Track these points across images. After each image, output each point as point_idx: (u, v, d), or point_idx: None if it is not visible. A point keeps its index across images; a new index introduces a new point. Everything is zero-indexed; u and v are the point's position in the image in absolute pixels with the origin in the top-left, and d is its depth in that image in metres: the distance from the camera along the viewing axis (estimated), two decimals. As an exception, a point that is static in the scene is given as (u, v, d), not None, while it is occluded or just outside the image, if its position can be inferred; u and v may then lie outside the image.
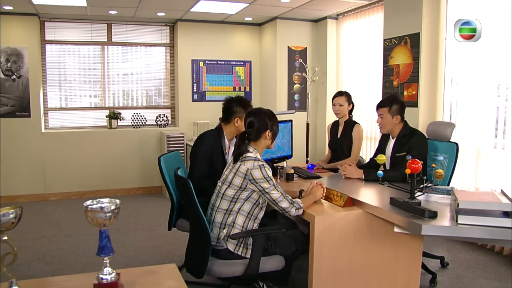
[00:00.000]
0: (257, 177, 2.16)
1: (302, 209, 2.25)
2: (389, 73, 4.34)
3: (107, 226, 1.30)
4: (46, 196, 5.50)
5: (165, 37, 6.19)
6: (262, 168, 2.18)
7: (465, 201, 1.90)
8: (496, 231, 1.85)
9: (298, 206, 2.24)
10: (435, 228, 1.91)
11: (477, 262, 3.34)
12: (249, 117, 2.34)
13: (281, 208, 2.22)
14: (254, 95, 6.48)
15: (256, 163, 2.19)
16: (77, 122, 5.86)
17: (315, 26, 5.96)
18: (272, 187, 2.19)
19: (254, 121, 2.31)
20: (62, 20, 5.62)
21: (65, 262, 3.37)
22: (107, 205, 1.26)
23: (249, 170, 2.17)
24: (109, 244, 1.31)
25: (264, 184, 2.17)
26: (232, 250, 2.17)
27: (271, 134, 2.35)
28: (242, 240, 2.19)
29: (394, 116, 2.91)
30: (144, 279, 1.38)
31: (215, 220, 2.24)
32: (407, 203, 2.10)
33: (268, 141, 2.37)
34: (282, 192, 2.22)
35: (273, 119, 2.37)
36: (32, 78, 5.30)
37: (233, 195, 2.21)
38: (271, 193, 2.18)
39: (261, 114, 2.33)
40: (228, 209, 2.22)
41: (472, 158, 3.62)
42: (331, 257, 2.26)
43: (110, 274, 1.31)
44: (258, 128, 2.30)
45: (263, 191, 2.18)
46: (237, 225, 2.20)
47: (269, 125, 2.32)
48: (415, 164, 2.09)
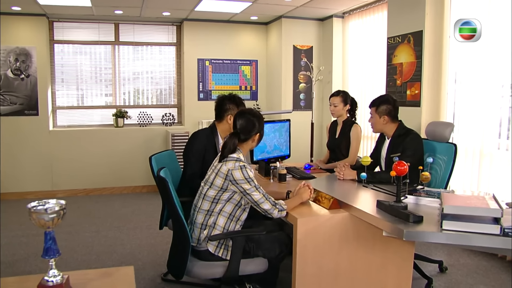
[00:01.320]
0: (237, 178, 2.13)
1: (286, 211, 2.21)
2: (392, 72, 4.24)
3: (52, 228, 1.29)
4: (53, 193, 5.59)
5: (172, 37, 6.22)
6: (243, 169, 2.15)
7: (449, 205, 1.82)
8: (483, 238, 1.76)
9: (281, 208, 2.20)
10: (418, 234, 1.84)
11: (477, 268, 3.23)
12: (241, 118, 2.30)
13: (263, 210, 2.18)
14: (260, 94, 6.46)
15: (237, 164, 2.16)
16: (85, 120, 5.95)
17: (321, 25, 5.88)
18: (253, 188, 2.15)
19: (244, 123, 2.28)
20: (70, 20, 5.71)
21: (60, 259, 3.33)
22: (50, 207, 1.25)
23: (230, 171, 2.14)
24: (54, 246, 1.30)
25: (245, 185, 2.14)
26: (212, 251, 2.15)
27: (259, 136, 2.34)
28: (223, 241, 2.17)
29: (381, 117, 2.84)
30: (96, 282, 1.37)
31: (196, 220, 2.22)
32: (393, 207, 2.04)
33: (254, 144, 2.35)
34: (264, 193, 2.19)
35: (262, 122, 2.35)
36: (40, 77, 5.40)
37: (214, 196, 2.19)
38: (252, 194, 2.15)
39: (253, 117, 2.30)
40: (209, 210, 2.19)
41: (475, 159, 3.50)
42: (315, 261, 2.21)
43: (56, 276, 1.30)
44: (248, 130, 2.28)
45: (244, 192, 2.15)
46: (218, 226, 2.17)
47: (258, 127, 2.30)
48: (401, 166, 2.02)
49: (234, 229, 2.22)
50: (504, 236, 1.74)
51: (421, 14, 3.78)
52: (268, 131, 3.47)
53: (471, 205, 1.85)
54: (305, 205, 2.36)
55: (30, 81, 5.36)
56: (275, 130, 3.57)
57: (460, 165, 3.65)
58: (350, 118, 3.58)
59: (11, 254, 3.50)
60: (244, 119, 2.28)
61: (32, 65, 5.35)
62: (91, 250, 3.64)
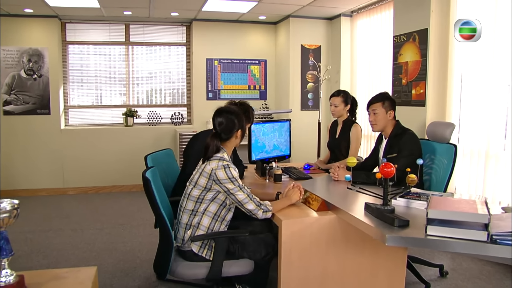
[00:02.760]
0: (221, 177, 2.12)
1: (271, 212, 2.18)
2: (398, 71, 4.14)
3: (4, 228, 1.29)
4: (64, 190, 5.73)
5: (182, 37, 6.26)
6: (227, 168, 2.13)
7: (434, 210, 1.75)
8: (469, 245, 1.68)
9: (266, 209, 2.17)
10: (401, 239, 1.77)
11: (480, 273, 3.11)
12: (219, 117, 2.27)
13: (247, 210, 2.16)
14: (269, 93, 6.43)
15: (220, 163, 2.14)
16: (96, 119, 6.06)
17: (329, 24, 5.81)
18: (237, 188, 2.13)
19: (223, 121, 2.25)
20: (82, 22, 5.82)
21: (62, 256, 3.48)
22: (2, 206, 1.26)
23: (213, 170, 2.12)
24: (6, 246, 1.30)
25: (228, 184, 2.12)
26: (196, 251, 2.14)
27: (241, 132, 2.30)
28: (207, 242, 2.16)
29: (388, 111, 2.77)
30: (53, 282, 1.37)
31: (181, 220, 2.22)
32: (379, 210, 1.98)
33: (238, 140, 2.32)
34: (248, 193, 2.16)
35: (241, 117, 2.30)
36: (52, 78, 5.53)
37: (198, 196, 2.17)
38: (236, 194, 2.13)
39: (231, 114, 2.26)
40: (193, 209, 2.18)
41: (481, 161, 3.38)
42: (302, 264, 2.18)
43: (8, 276, 1.30)
44: (229, 129, 2.25)
45: (228, 192, 2.13)
46: (202, 226, 2.17)
47: (238, 124, 2.26)
48: (387, 167, 1.96)
49: (219, 229, 2.21)
50: (491, 243, 1.67)
51: (426, 11, 3.68)
52: (267, 130, 3.45)
53: (458, 209, 1.78)
54: (292, 207, 2.33)
55: (42, 81, 5.49)
56: (274, 130, 3.54)
57: (465, 167, 3.54)
58: (350, 118, 3.52)
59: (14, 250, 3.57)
60: (222, 118, 2.25)
61: (44, 65, 5.48)
62: (93, 247, 3.70)
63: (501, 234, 1.68)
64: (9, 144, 5.46)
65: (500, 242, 1.66)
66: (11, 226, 4.52)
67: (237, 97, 6.30)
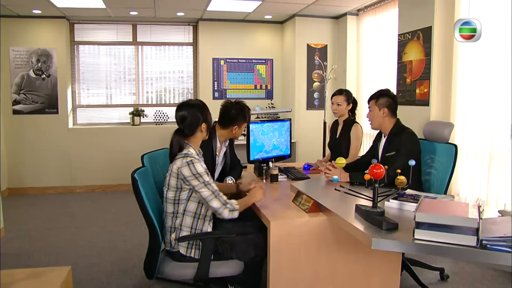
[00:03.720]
0: (186, 174, 2.07)
1: (238, 212, 2.13)
2: (402, 70, 4.06)
3: None
4: (72, 189, 5.81)
5: (188, 37, 6.28)
6: (191, 165, 2.08)
7: (421, 213, 1.70)
8: (458, 250, 1.62)
9: (232, 207, 2.11)
10: (387, 243, 1.72)
11: (483, 277, 3.02)
12: (181, 111, 2.21)
13: (212, 208, 2.10)
14: (276, 93, 6.40)
15: (184, 160, 2.09)
16: (104, 118, 6.12)
17: (335, 23, 5.74)
18: (201, 185, 2.08)
19: (186, 116, 2.19)
20: (90, 22, 5.89)
21: (63, 253, 3.53)
22: None
23: (179, 169, 2.09)
24: None
25: (193, 181, 2.07)
26: (184, 253, 2.13)
27: (206, 126, 2.24)
28: (193, 242, 2.14)
29: (381, 109, 2.72)
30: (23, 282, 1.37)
31: (166, 224, 2.19)
32: (368, 212, 1.93)
33: (204, 133, 2.26)
34: (214, 190, 2.11)
35: (205, 110, 2.24)
36: (60, 77, 5.62)
37: (173, 197, 2.14)
38: (201, 191, 2.08)
39: (193, 108, 2.21)
40: (173, 212, 2.15)
41: (485, 162, 3.29)
42: (291, 266, 2.14)
43: None
44: (192, 123, 2.20)
45: (194, 189, 2.09)
46: (185, 227, 2.14)
47: (202, 118, 2.21)
48: (377, 169, 1.91)
49: (202, 227, 2.17)
50: (481, 249, 1.60)
51: (430, 9, 3.60)
52: (267, 130, 3.43)
53: (447, 213, 1.72)
54: (282, 208, 2.30)
55: (50, 81, 5.58)
56: (274, 130, 3.51)
57: (469, 168, 3.45)
58: (351, 118, 3.47)
59: (17, 247, 3.66)
60: (184, 112, 2.19)
61: (52, 65, 5.57)
62: (94, 245, 3.74)
63: (491, 239, 1.61)
64: (18, 143, 5.57)
65: (490, 247, 1.60)
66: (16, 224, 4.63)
67: (243, 96, 6.29)
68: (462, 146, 3.53)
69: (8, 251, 3.53)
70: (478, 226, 1.63)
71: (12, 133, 5.55)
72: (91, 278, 3.05)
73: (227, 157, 3.10)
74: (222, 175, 3.06)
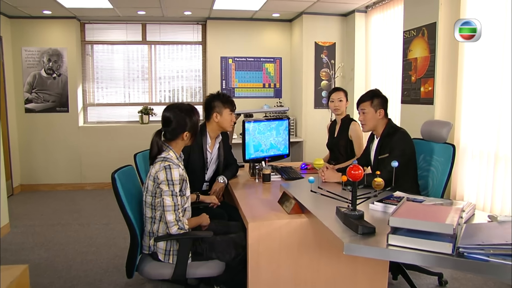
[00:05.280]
0: (161, 179, 2.02)
1: (184, 231, 2.05)
2: (407, 67, 3.93)
3: None
4: (82, 186, 5.93)
5: (197, 35, 6.29)
6: (168, 170, 2.02)
7: (395, 218, 1.62)
8: (432, 258, 1.53)
9: (182, 226, 2.03)
10: (360, 248, 1.64)
11: (485, 283, 2.88)
12: (166, 112, 2.15)
13: (165, 219, 2.03)
14: (285, 91, 6.34)
15: (162, 164, 2.04)
16: (115, 117, 6.21)
17: (344, 20, 5.63)
18: (169, 192, 2.01)
19: (171, 119, 2.12)
20: (100, 22, 5.98)
21: (62, 249, 3.58)
22: None
23: (157, 173, 2.04)
24: None
25: (163, 186, 2.01)
26: (162, 259, 2.10)
27: (190, 135, 2.17)
28: (170, 247, 2.10)
29: (377, 110, 2.63)
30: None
31: (145, 228, 2.16)
32: (346, 215, 1.87)
33: (187, 141, 2.19)
34: (176, 204, 2.02)
35: (193, 118, 2.16)
36: (70, 76, 5.73)
37: (151, 202, 2.10)
38: (165, 198, 2.01)
39: (180, 112, 2.12)
40: (152, 217, 2.12)
41: (490, 163, 3.14)
42: (271, 269, 2.10)
43: None
44: (175, 128, 2.13)
45: (160, 193, 2.03)
46: (160, 234, 2.10)
47: (188, 126, 2.14)
48: (355, 170, 1.84)
49: None
50: (457, 257, 1.51)
51: (435, 5, 3.46)
52: (263, 129, 3.38)
53: (425, 218, 1.64)
54: (265, 208, 2.25)
55: (61, 80, 5.70)
56: (271, 129, 3.46)
57: (473, 169, 3.31)
58: (348, 116, 3.39)
59: (20, 242, 3.74)
60: (170, 114, 2.12)
61: (63, 65, 5.69)
62: (94, 241, 3.79)
63: (469, 246, 1.52)
64: (30, 141, 5.72)
65: (467, 256, 1.50)
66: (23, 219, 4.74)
67: (251, 95, 6.27)
68: (467, 147, 3.38)
69: (10, 247, 3.62)
70: (455, 232, 1.55)
71: (24, 131, 5.70)
72: (85, 274, 3.09)
73: (220, 155, 3.07)
74: (217, 173, 3.04)
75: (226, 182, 2.93)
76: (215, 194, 2.81)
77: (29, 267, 3.14)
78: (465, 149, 3.40)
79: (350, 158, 3.30)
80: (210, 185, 2.95)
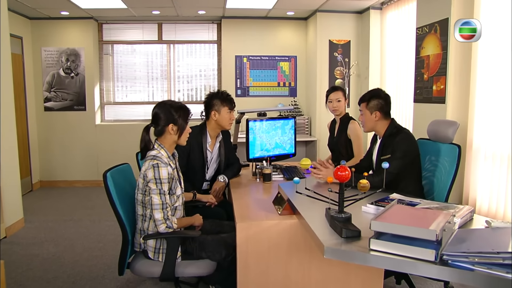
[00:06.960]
0: (149, 177, 2.03)
1: (173, 230, 2.06)
2: (420, 65, 3.80)
3: None
4: (98, 183, 6.06)
5: (212, 35, 6.31)
6: (156, 168, 2.03)
7: (377, 222, 1.55)
8: (414, 265, 1.46)
9: (170, 225, 2.04)
10: (340, 252, 1.58)
11: (494, 294, 2.74)
12: (154, 109, 2.18)
13: (153, 217, 2.04)
14: (300, 90, 6.27)
15: (151, 163, 2.04)
16: (131, 115, 6.32)
17: (359, 18, 5.50)
18: (156, 190, 2.03)
19: (159, 114, 2.14)
20: (117, 22, 6.09)
21: (70, 245, 3.67)
22: None
23: (146, 171, 2.05)
24: None
25: (151, 184, 2.02)
26: (151, 257, 2.11)
27: (177, 128, 2.16)
28: (160, 246, 2.11)
29: (372, 113, 2.55)
30: None
31: (137, 226, 2.18)
32: (332, 218, 1.81)
33: (175, 136, 2.17)
34: (164, 202, 2.04)
35: (180, 112, 2.16)
36: (87, 76, 5.87)
37: (141, 200, 2.11)
38: (153, 196, 2.02)
39: (166, 106, 2.15)
40: (142, 214, 2.13)
41: (503, 165, 2.98)
42: (260, 270, 2.07)
43: None
44: (160, 122, 2.14)
45: (148, 191, 2.04)
46: (150, 232, 2.11)
47: (173, 118, 2.14)
48: (341, 171, 1.78)
49: None
50: (440, 264, 1.43)
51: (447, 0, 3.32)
52: (268, 128, 3.35)
53: (409, 223, 1.56)
54: (258, 209, 2.22)
55: (79, 79, 5.85)
56: (276, 128, 3.42)
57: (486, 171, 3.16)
58: (347, 115, 3.30)
59: (31, 237, 3.86)
60: (157, 109, 2.16)
61: (81, 64, 5.83)
62: (102, 238, 3.86)
63: (453, 254, 1.43)
64: (49, 138, 5.90)
65: (451, 264, 1.42)
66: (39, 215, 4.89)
67: (266, 94, 6.24)
68: (480, 148, 3.23)
69: (22, 241, 3.75)
70: (438, 238, 1.46)
71: (43, 129, 5.89)
72: (89, 270, 3.15)
73: (221, 154, 3.05)
74: (218, 173, 3.03)
75: (227, 181, 2.92)
76: (215, 193, 2.80)
77: (36, 261, 3.24)
78: (478, 150, 3.25)
79: (352, 158, 3.21)
80: (212, 184, 2.95)
